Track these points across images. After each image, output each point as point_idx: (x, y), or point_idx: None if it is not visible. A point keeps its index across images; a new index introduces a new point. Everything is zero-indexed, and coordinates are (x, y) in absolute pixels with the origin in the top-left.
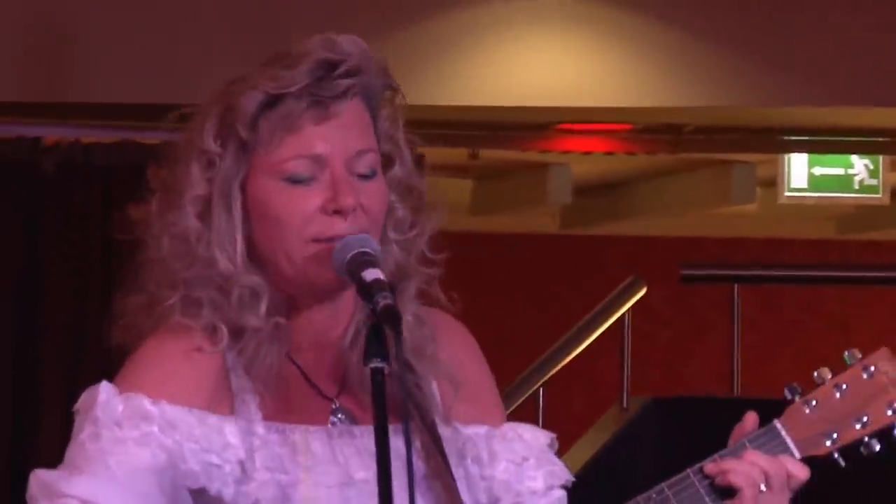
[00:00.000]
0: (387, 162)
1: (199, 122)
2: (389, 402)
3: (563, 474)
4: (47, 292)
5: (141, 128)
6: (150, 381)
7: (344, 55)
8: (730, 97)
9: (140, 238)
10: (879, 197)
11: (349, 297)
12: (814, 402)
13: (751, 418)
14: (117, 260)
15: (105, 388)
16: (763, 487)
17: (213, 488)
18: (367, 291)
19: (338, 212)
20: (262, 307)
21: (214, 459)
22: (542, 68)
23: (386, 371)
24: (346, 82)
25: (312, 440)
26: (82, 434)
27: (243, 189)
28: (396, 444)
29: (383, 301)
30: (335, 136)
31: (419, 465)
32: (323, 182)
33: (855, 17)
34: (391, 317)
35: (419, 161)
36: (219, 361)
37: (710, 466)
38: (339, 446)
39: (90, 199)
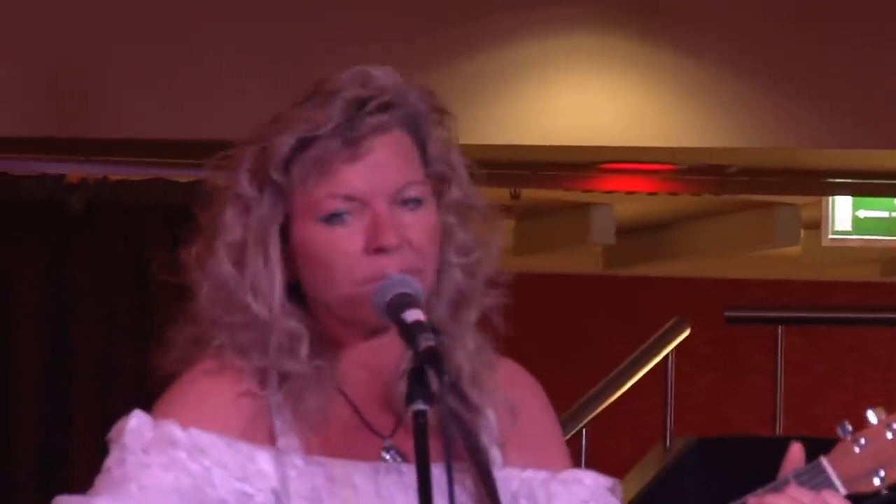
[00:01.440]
0: (442, 185)
1: (235, 165)
2: (436, 440)
3: None
4: (75, 329)
5: (170, 165)
6: (184, 409)
7: (377, 90)
8: (774, 139)
9: (181, 281)
10: None
11: None
12: (863, 441)
13: (796, 451)
14: (145, 297)
15: (136, 416)
16: None
17: None
18: (409, 333)
19: (380, 250)
20: (303, 351)
21: (246, 488)
22: (586, 108)
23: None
24: (378, 118)
25: (355, 474)
26: (109, 460)
27: (285, 232)
28: (444, 483)
29: (425, 343)
30: (371, 174)
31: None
32: (363, 221)
33: None
34: (433, 358)
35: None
36: (263, 401)
37: (752, 501)
38: (384, 482)
39: (118, 237)
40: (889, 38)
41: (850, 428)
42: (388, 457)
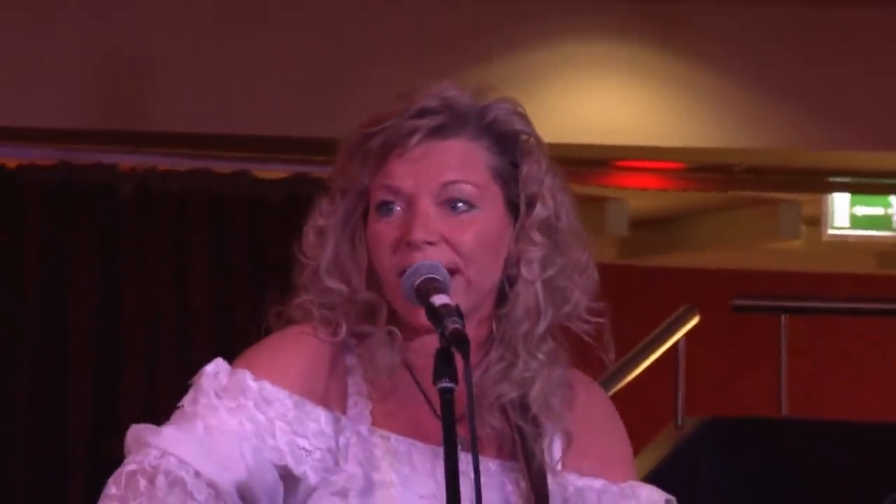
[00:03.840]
0: (531, 204)
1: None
2: (496, 437)
3: None
4: (126, 311)
5: (214, 157)
6: (261, 362)
7: (444, 101)
8: (778, 140)
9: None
10: None
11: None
12: None
13: None
14: (187, 276)
15: (216, 363)
16: None
17: (299, 470)
18: (436, 316)
19: (410, 244)
20: (381, 318)
21: (304, 444)
22: (602, 110)
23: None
24: (433, 122)
25: (415, 453)
26: (185, 399)
27: (364, 220)
28: (502, 478)
29: (452, 325)
30: (419, 171)
31: (508, 500)
32: (407, 216)
33: (894, 68)
34: (459, 340)
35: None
36: (342, 365)
37: None
38: (441, 466)
39: (163, 222)
40: (883, 51)
41: None
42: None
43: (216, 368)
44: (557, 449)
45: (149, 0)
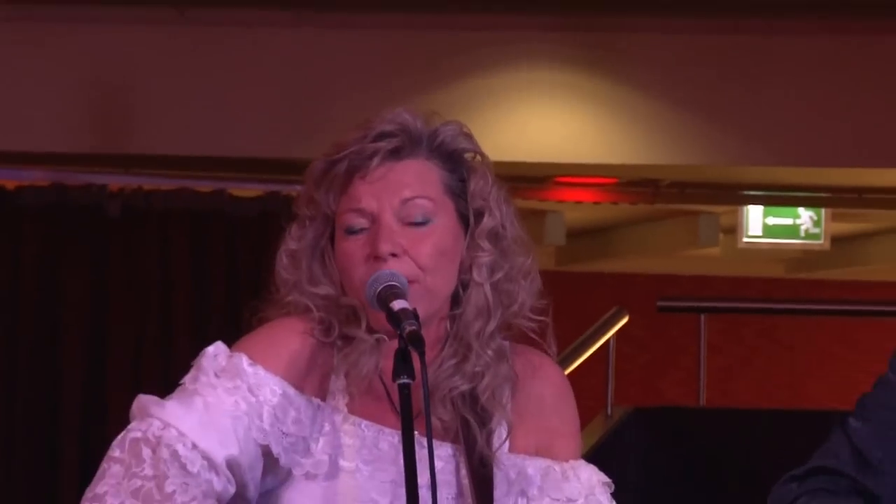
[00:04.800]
0: (479, 216)
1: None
2: (451, 426)
3: None
4: (113, 315)
5: (194, 176)
6: (257, 348)
7: (399, 125)
8: (699, 158)
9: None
10: (821, 243)
11: (429, 329)
12: None
13: None
14: (170, 287)
15: (216, 346)
16: None
17: (276, 451)
18: (395, 319)
19: (377, 258)
20: (363, 324)
21: (284, 428)
22: (544, 131)
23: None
24: (390, 145)
25: (382, 440)
26: (187, 377)
27: (333, 241)
28: (456, 463)
29: (409, 327)
30: (380, 191)
31: (461, 483)
32: (372, 233)
33: (802, 93)
34: (416, 341)
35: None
36: (329, 361)
37: None
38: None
39: (148, 237)
40: (793, 76)
41: None
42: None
43: (216, 350)
44: (504, 434)
45: (133, 37)
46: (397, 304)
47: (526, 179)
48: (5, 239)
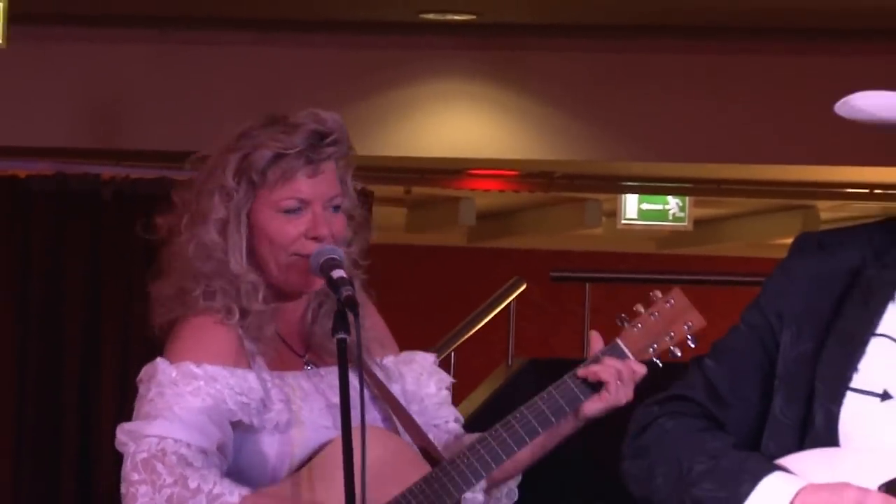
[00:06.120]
0: (343, 198)
1: (220, 164)
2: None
3: (447, 378)
4: (106, 287)
5: (175, 167)
6: (191, 351)
7: (330, 129)
8: (586, 154)
9: (166, 240)
10: (686, 225)
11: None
12: (639, 325)
13: (596, 338)
14: (155, 262)
15: (161, 361)
16: (619, 381)
17: (246, 419)
18: (335, 285)
19: (315, 238)
20: (261, 296)
21: (244, 399)
22: (458, 131)
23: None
24: (331, 149)
25: (300, 381)
26: (149, 394)
27: (248, 215)
28: (353, 381)
29: (346, 292)
30: (318, 186)
31: (372, 392)
32: (307, 216)
33: (672, 102)
34: (352, 303)
35: (365, 195)
36: (236, 333)
37: (581, 371)
38: (316, 383)
39: (137, 220)
40: (666, 86)
41: (626, 318)
42: (309, 367)
43: (163, 367)
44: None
45: (123, 52)
46: (336, 273)
47: (443, 172)
48: (17, 219)
